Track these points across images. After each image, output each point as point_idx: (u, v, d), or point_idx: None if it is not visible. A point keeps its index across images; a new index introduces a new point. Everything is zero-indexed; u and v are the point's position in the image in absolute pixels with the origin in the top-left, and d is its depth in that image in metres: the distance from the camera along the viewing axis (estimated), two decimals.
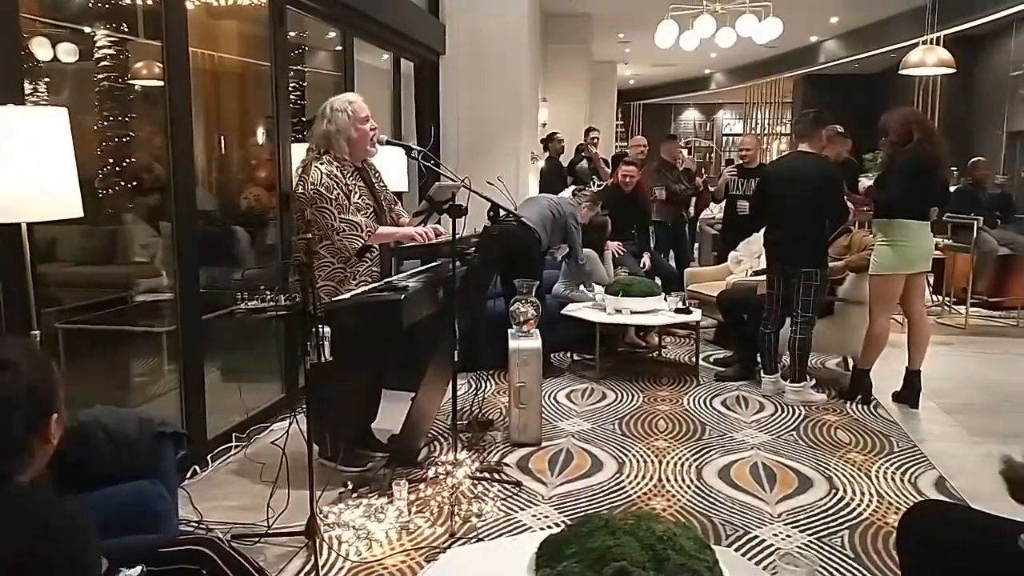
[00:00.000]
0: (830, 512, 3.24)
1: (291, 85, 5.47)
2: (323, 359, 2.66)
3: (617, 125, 17.33)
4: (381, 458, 3.56)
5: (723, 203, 6.75)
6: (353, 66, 5.50)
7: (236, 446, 3.78)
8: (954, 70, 8.77)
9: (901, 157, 4.43)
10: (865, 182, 4.83)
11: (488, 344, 4.69)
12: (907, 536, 2.02)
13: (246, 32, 5.59)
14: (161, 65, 3.54)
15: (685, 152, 8.07)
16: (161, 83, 3.55)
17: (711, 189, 7.41)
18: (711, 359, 5.65)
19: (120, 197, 5.28)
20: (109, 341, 4.72)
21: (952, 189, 7.90)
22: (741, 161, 6.68)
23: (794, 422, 4.37)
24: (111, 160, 5.30)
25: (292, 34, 5.47)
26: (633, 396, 4.82)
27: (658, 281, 6.01)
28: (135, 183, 5.33)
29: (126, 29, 5.18)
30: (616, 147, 14.00)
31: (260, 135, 5.79)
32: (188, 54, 3.65)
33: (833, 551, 2.91)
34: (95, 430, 2.04)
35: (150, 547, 1.78)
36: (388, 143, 3.57)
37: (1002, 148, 10.82)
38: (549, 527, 3.03)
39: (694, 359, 5.37)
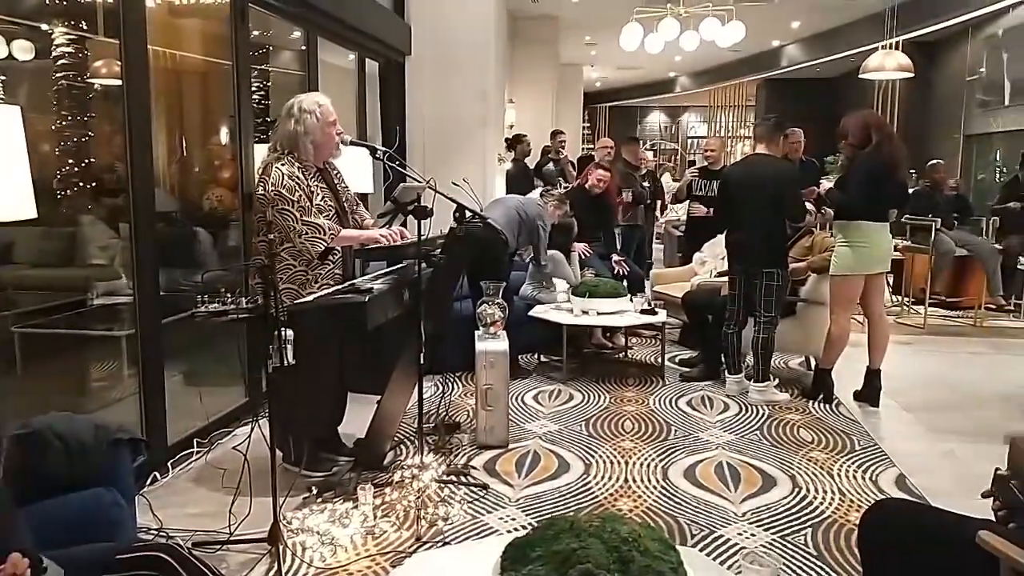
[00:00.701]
0: (793, 510, 3.27)
1: (255, 85, 5.40)
2: (286, 363, 2.63)
3: (584, 127, 17.42)
4: (346, 462, 3.53)
5: (686, 204, 6.82)
6: (317, 66, 5.44)
7: (197, 452, 3.72)
8: (912, 74, 8.95)
9: (860, 160, 4.50)
10: (826, 184, 4.90)
11: (455, 346, 4.67)
12: (868, 534, 2.05)
13: (208, 31, 5.51)
14: (120, 64, 3.47)
15: (649, 155, 8.12)
16: (120, 82, 3.48)
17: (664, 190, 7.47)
18: (676, 359, 5.68)
19: (79, 198, 5.17)
20: (67, 345, 4.62)
21: (910, 191, 8.07)
22: (706, 163, 6.76)
23: (758, 422, 4.41)
24: (70, 160, 5.20)
25: (256, 33, 5.41)
26: (600, 397, 4.83)
27: (624, 283, 6.05)
28: (94, 184, 5.23)
29: (85, 27, 5.08)
30: (583, 149, 14.06)
31: (223, 135, 5.71)
32: (147, 52, 3.58)
33: (796, 549, 2.94)
34: (49, 437, 1.99)
35: (107, 554, 1.74)
36: (352, 144, 3.53)
37: (959, 151, 11.07)
38: (516, 529, 3.02)
39: (660, 360, 5.41)
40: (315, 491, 3.23)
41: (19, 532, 1.60)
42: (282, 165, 3.28)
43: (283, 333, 2.61)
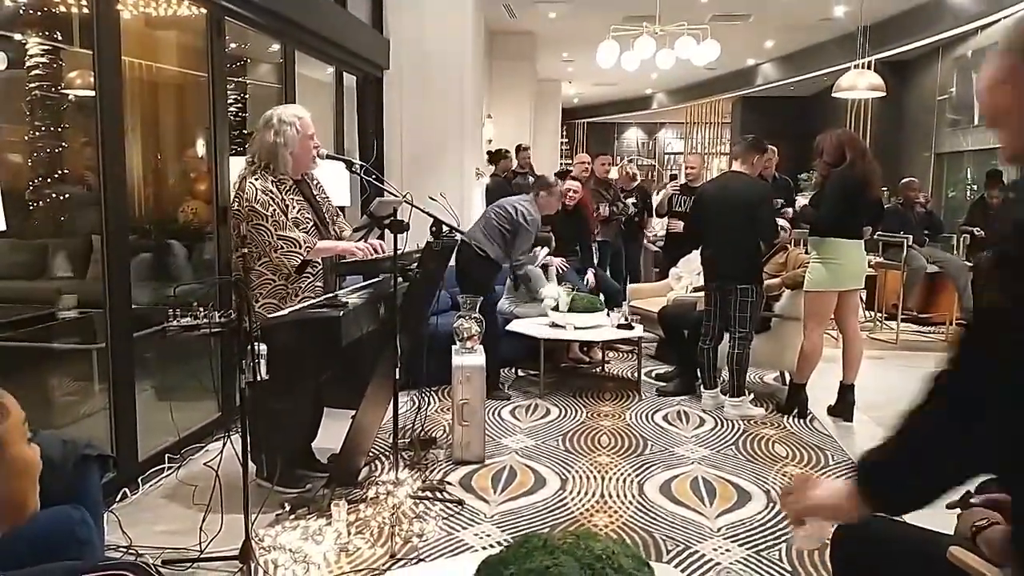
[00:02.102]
0: (768, 526, 3.28)
1: (232, 97, 5.38)
2: (259, 378, 2.60)
3: (562, 143, 17.50)
4: (320, 478, 3.49)
5: (665, 220, 6.89)
6: (294, 79, 5.43)
7: (169, 468, 3.66)
8: (884, 94, 9.09)
9: (834, 177, 4.56)
10: (801, 201, 4.96)
11: (431, 360, 4.65)
12: (839, 550, 2.05)
13: (184, 43, 5.48)
14: (93, 74, 3.44)
15: (614, 170, 8.14)
16: (93, 93, 3.44)
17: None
18: (653, 374, 5.70)
19: (51, 210, 5.11)
20: (37, 359, 4.55)
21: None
22: (686, 180, 6.85)
23: (733, 436, 4.43)
24: (42, 171, 5.13)
25: (233, 46, 5.39)
26: (576, 412, 4.83)
27: (601, 297, 6.06)
28: (67, 196, 5.16)
29: (60, 37, 5.03)
30: (561, 164, 14.11)
31: (199, 147, 5.67)
32: (120, 63, 3.55)
33: (772, 565, 2.94)
34: None
35: (73, 573, 1.70)
36: (329, 158, 3.52)
37: (930, 169, 11.25)
38: (491, 546, 3.01)
39: (636, 374, 5.42)
40: (288, 507, 3.19)
41: None
42: (256, 180, 3.26)
43: (256, 348, 2.59)
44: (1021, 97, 1.20)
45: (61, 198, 5.13)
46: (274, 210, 3.22)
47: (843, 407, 4.79)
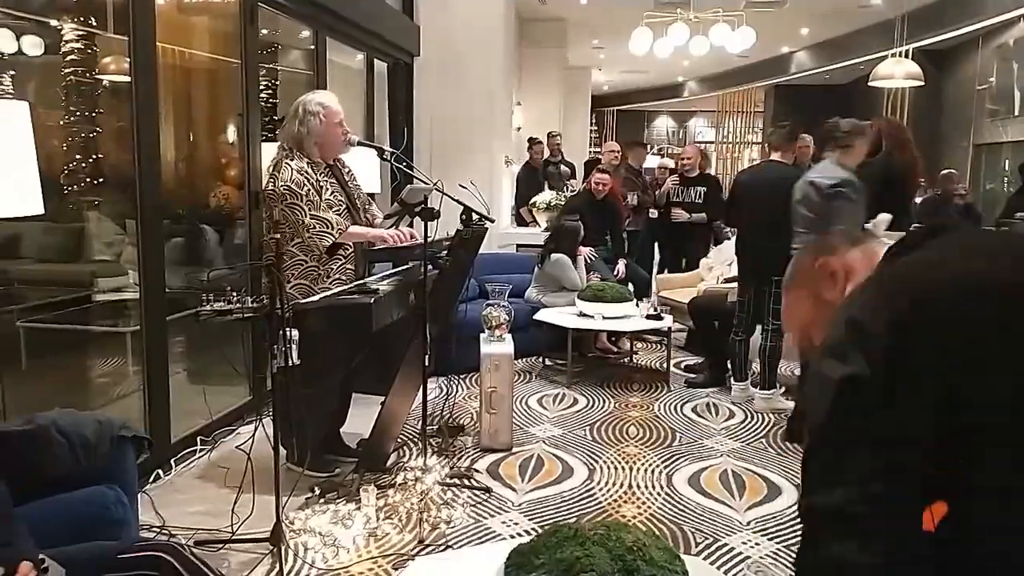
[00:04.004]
0: (798, 520, 3.23)
1: (263, 83, 5.40)
2: (290, 363, 2.62)
3: (591, 130, 17.40)
4: (349, 463, 3.51)
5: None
6: (326, 65, 5.44)
7: (201, 450, 3.71)
8: (922, 83, 8.91)
9: (868, 167, 4.47)
10: None
11: (460, 348, 4.66)
12: None
13: (217, 29, 5.51)
14: (128, 60, 3.47)
15: (657, 158, 8.17)
16: (128, 79, 3.47)
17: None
18: (682, 365, 5.66)
19: (86, 193, 5.18)
20: (72, 341, 4.62)
21: (919, 199, 8.03)
22: (682, 171, 6.92)
23: (763, 429, 4.39)
24: (77, 156, 5.20)
25: (264, 32, 5.40)
26: (604, 402, 4.81)
27: (631, 287, 6.02)
28: (101, 179, 5.23)
29: (94, 23, 5.08)
30: (590, 152, 14.03)
31: (230, 133, 5.71)
32: (155, 49, 3.58)
33: None
34: (52, 434, 1.97)
35: (107, 553, 1.72)
36: (360, 144, 3.52)
37: (968, 160, 11.02)
38: (519, 534, 3.01)
39: (665, 365, 5.38)
40: (318, 491, 3.21)
41: (21, 534, 1.58)
42: (292, 162, 3.30)
43: (288, 333, 2.60)
44: None
45: (95, 182, 5.20)
46: (308, 190, 3.25)
47: None
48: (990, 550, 0.87)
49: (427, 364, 3.38)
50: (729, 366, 4.99)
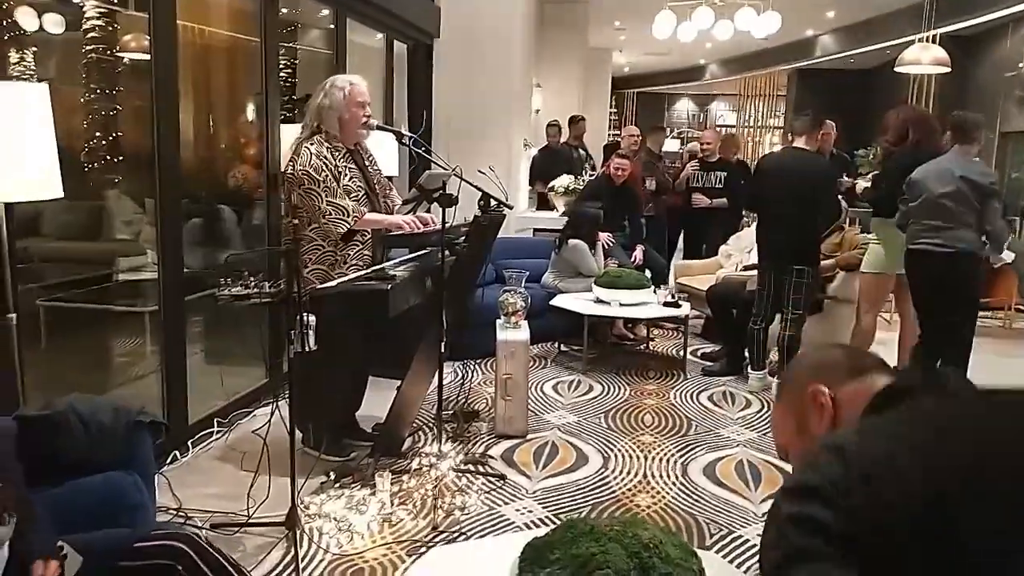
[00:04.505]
0: None
1: (282, 63, 5.38)
2: (307, 348, 2.62)
3: (611, 113, 17.25)
4: (364, 447, 3.52)
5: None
6: (345, 45, 5.40)
7: (218, 432, 3.73)
8: (949, 69, 8.74)
9: (896, 156, 4.41)
10: (862, 184, 4.80)
11: (476, 333, 4.65)
12: None
13: (237, 7, 5.48)
14: (148, 38, 3.46)
15: (676, 142, 8.11)
16: (148, 56, 3.46)
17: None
18: (699, 353, 5.63)
19: (106, 171, 5.19)
20: (92, 320, 4.65)
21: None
22: (702, 156, 6.84)
23: None
24: (98, 133, 5.20)
25: (284, 11, 5.37)
26: (620, 389, 4.79)
27: (648, 274, 5.99)
28: (121, 158, 5.23)
29: (115, 0, 5.07)
30: (609, 135, 13.91)
31: (249, 113, 5.70)
32: (176, 26, 3.56)
33: None
34: (70, 419, 1.98)
35: (125, 542, 1.73)
36: (380, 128, 3.50)
37: (994, 148, 10.83)
38: (533, 523, 3.01)
39: (682, 353, 5.35)
40: (333, 476, 3.22)
41: (39, 524, 1.59)
42: (311, 145, 3.29)
43: (305, 318, 2.60)
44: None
45: (116, 160, 5.21)
46: (327, 175, 3.24)
47: None
48: None
49: (443, 350, 3.37)
50: (747, 354, 4.95)
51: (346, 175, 3.33)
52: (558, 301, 5.32)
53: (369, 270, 3.26)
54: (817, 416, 1.23)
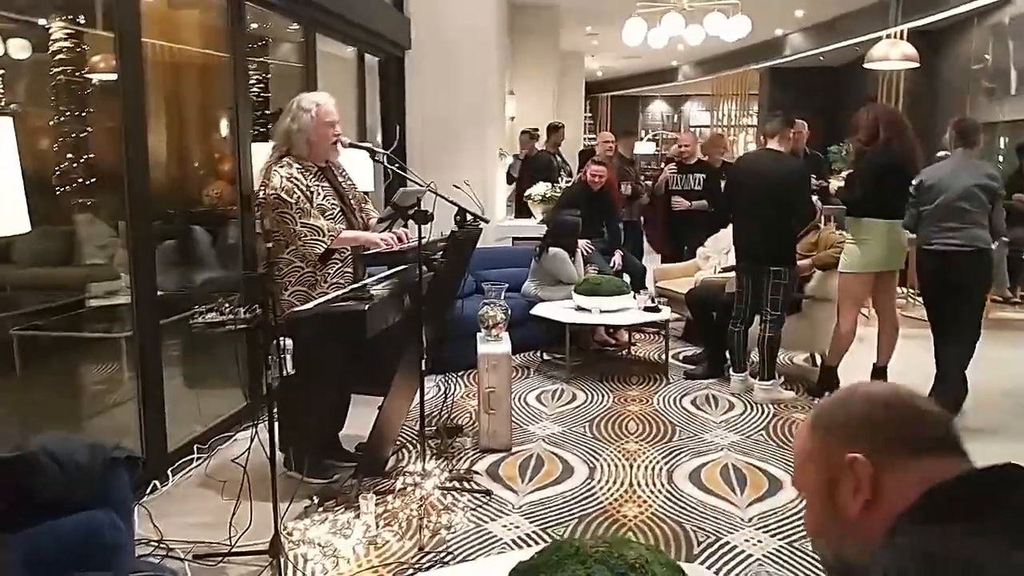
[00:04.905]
0: (799, 515, 3.22)
1: (254, 77, 5.34)
2: (285, 373, 2.59)
3: (586, 117, 17.29)
4: (348, 468, 3.49)
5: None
6: (315, 59, 5.37)
7: (198, 458, 3.68)
8: (917, 64, 8.84)
9: (868, 156, 4.44)
10: (835, 183, 4.82)
11: (457, 345, 4.63)
12: None
13: (206, 23, 5.44)
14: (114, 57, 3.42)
15: (652, 145, 8.12)
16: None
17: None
18: (680, 356, 5.64)
19: (78, 195, 5.12)
20: (67, 347, 4.58)
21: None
22: (680, 158, 6.82)
23: (763, 421, 4.37)
24: (69, 156, 5.13)
25: (255, 25, 5.34)
26: (603, 396, 4.79)
27: (627, 279, 6.00)
28: (93, 180, 5.16)
29: (83, 21, 5.01)
30: (584, 140, 13.93)
31: (223, 128, 5.65)
32: (140, 45, 3.52)
33: (803, 556, 2.90)
34: (43, 459, 1.94)
35: None
36: (352, 146, 3.48)
37: None
38: (520, 538, 2.99)
39: (664, 356, 5.36)
40: (316, 500, 3.18)
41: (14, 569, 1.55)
42: (281, 168, 3.26)
43: (282, 343, 2.57)
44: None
45: (87, 183, 5.14)
46: (299, 197, 3.21)
47: None
48: None
49: (423, 367, 3.35)
50: (728, 357, 4.97)
51: (319, 194, 3.30)
52: (539, 310, 5.32)
53: (348, 289, 3.23)
54: (849, 489, 0.99)
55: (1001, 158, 10.13)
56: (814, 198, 5.09)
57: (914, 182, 4.32)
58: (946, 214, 4.20)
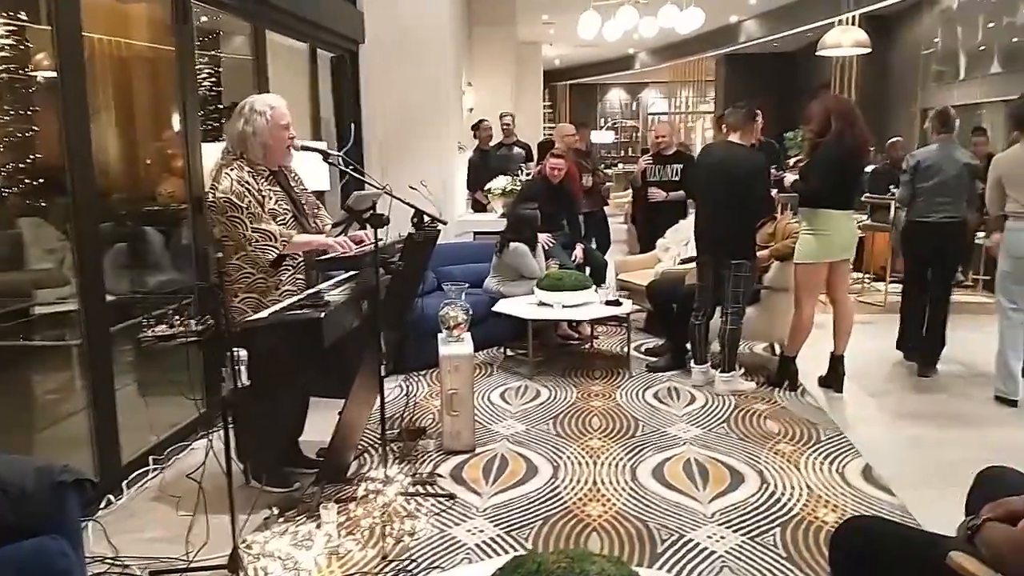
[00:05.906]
0: (761, 509, 3.26)
1: (206, 71, 5.21)
2: (240, 384, 2.53)
3: (545, 107, 17.26)
4: (308, 474, 3.44)
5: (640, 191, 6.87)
6: (266, 55, 5.26)
7: (153, 470, 3.59)
8: (869, 50, 8.96)
9: (822, 148, 4.48)
10: (790, 178, 4.85)
11: (418, 345, 4.60)
12: (839, 553, 2.02)
13: (153, 16, 5.28)
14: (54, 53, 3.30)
15: (611, 134, 8.09)
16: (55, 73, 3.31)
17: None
18: (642, 348, 5.66)
19: (24, 197, 4.96)
20: (15, 357, 4.44)
21: (870, 169, 8.10)
22: (657, 149, 6.74)
23: (725, 413, 4.41)
24: (14, 157, 4.97)
25: (204, 19, 5.20)
26: (566, 392, 4.79)
27: (588, 271, 6.00)
28: (41, 181, 5.01)
29: (25, 17, 4.84)
30: (544, 131, 13.90)
31: (175, 124, 5.51)
32: (81, 39, 3.41)
33: (766, 551, 2.93)
34: None
35: None
36: (304, 149, 3.40)
37: (915, 126, 11.16)
38: (484, 543, 2.98)
39: (626, 350, 5.37)
40: (276, 511, 3.12)
41: None
42: (231, 171, 3.17)
43: (236, 354, 2.51)
44: None
45: (34, 184, 4.98)
46: (250, 201, 3.13)
47: (834, 378, 4.78)
48: None
49: (384, 372, 3.31)
50: (689, 349, 5.00)
51: (271, 198, 3.23)
52: (501, 307, 5.29)
53: (303, 295, 3.17)
54: None
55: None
56: (773, 191, 5.13)
57: (910, 163, 5.09)
58: (943, 190, 4.94)
